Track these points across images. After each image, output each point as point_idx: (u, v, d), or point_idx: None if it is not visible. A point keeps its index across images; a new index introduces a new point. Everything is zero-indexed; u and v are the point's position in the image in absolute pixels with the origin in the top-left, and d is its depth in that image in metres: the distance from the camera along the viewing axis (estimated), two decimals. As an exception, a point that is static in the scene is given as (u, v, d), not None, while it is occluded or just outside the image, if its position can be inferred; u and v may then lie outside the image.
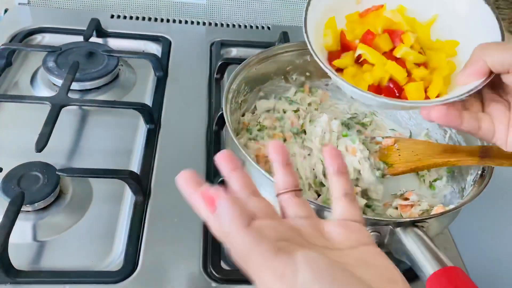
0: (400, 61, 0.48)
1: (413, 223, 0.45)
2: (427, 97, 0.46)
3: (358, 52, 0.49)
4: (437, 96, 0.46)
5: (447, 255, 0.43)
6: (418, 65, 0.48)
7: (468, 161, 0.53)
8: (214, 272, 0.54)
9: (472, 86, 0.42)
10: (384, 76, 0.47)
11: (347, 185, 0.35)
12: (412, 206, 0.54)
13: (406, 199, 0.56)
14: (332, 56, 0.51)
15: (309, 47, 0.47)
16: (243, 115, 0.66)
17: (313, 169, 0.57)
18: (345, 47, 0.51)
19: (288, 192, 0.35)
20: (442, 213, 0.46)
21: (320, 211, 0.46)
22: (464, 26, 0.49)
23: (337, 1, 0.52)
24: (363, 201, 0.54)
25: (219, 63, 0.82)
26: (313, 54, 0.47)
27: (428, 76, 0.47)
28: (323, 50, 0.51)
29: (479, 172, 0.53)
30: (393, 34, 0.49)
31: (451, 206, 0.49)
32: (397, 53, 0.48)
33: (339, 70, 0.50)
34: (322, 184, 0.56)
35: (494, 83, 0.42)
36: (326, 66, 0.47)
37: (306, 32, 0.48)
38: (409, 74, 0.48)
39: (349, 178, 0.36)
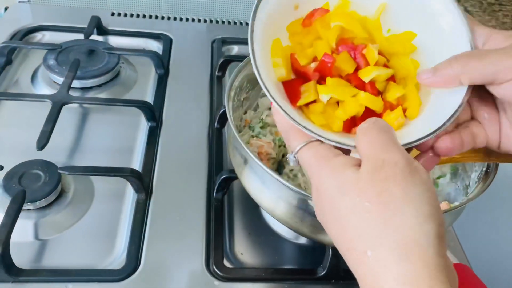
0: (370, 85, 0.40)
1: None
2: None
3: (324, 98, 0.39)
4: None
5: (451, 252, 0.43)
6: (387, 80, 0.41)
7: (473, 158, 0.52)
8: (217, 270, 0.53)
9: (457, 101, 0.37)
10: (359, 110, 0.40)
11: None
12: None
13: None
14: (289, 88, 0.40)
15: (262, 87, 0.36)
16: (245, 112, 0.65)
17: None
18: (300, 74, 0.41)
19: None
20: (446, 211, 0.46)
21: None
22: (419, 14, 0.42)
23: (275, 13, 0.41)
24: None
25: (221, 61, 0.82)
26: (272, 100, 0.36)
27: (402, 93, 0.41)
28: (277, 84, 0.40)
29: (484, 169, 0.53)
30: (352, 50, 0.41)
31: (456, 203, 0.48)
32: (366, 78, 0.40)
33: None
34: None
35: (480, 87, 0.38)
36: (292, 118, 0.35)
37: (256, 66, 0.37)
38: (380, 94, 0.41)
39: None
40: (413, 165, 0.30)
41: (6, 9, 0.93)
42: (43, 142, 0.60)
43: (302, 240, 0.59)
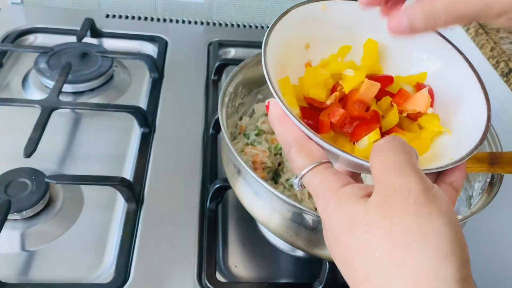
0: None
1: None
2: None
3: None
4: None
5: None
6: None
7: (477, 168, 0.50)
8: (209, 285, 0.51)
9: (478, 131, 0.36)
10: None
11: None
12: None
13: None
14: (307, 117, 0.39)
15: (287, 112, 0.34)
16: (240, 118, 0.63)
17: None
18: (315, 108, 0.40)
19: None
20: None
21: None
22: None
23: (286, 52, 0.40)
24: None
25: (217, 64, 0.80)
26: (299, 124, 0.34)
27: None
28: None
29: (488, 180, 0.50)
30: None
31: (459, 217, 0.46)
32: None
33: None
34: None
35: None
36: (308, 128, 0.34)
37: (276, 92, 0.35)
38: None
39: None
40: (431, 192, 0.26)
41: (-2, 10, 0.92)
42: (30, 149, 0.58)
43: (299, 253, 0.57)
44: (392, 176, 0.27)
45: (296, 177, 0.33)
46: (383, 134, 0.40)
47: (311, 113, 0.40)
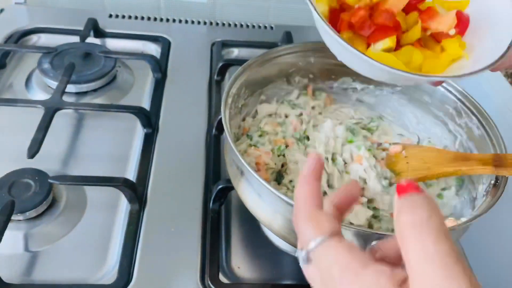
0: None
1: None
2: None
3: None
4: None
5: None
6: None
7: (481, 170, 0.50)
8: (212, 286, 0.51)
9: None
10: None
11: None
12: (420, 217, 0.51)
13: (415, 209, 0.53)
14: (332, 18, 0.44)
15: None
16: (243, 119, 0.63)
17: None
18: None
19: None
20: (453, 227, 0.44)
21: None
22: None
23: None
24: (369, 212, 0.51)
25: (220, 65, 0.80)
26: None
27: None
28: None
29: (492, 182, 0.50)
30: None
31: (463, 219, 0.46)
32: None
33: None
34: (325, 194, 0.53)
35: None
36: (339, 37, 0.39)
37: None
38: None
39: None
40: None
41: (1, 10, 0.92)
42: (34, 150, 0.58)
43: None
44: (437, 275, 0.23)
45: (302, 250, 0.29)
46: (401, 46, 0.44)
47: (339, 15, 0.44)
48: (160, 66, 0.80)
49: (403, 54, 0.44)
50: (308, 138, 0.60)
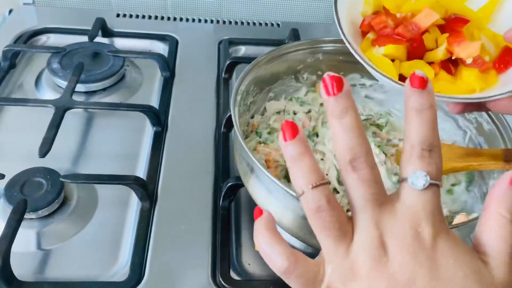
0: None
1: (434, 233, 0.42)
2: None
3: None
4: None
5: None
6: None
7: (492, 165, 0.50)
8: (223, 282, 0.52)
9: None
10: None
11: None
12: (431, 212, 0.51)
13: (425, 205, 0.53)
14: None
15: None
16: (252, 117, 0.63)
17: (327, 174, 0.55)
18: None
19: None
20: (465, 223, 0.44)
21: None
22: None
23: None
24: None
25: (228, 63, 0.80)
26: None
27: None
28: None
29: (503, 177, 0.50)
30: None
31: (474, 215, 0.46)
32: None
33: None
34: (336, 191, 0.53)
35: None
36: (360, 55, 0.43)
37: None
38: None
39: None
40: None
41: (10, 11, 0.92)
42: (45, 149, 0.59)
43: (312, 250, 0.57)
44: None
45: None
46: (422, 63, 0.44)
47: (381, 16, 0.46)
48: (168, 65, 0.80)
49: (411, 66, 0.44)
50: (317, 135, 0.60)
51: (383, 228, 0.28)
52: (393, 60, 0.44)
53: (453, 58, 0.44)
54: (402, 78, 0.44)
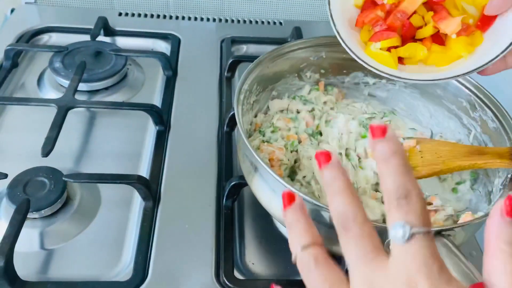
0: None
1: (439, 232, 0.42)
2: None
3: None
4: None
5: (473, 262, 0.40)
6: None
7: (497, 163, 0.49)
8: (227, 282, 0.51)
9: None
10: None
11: None
12: (436, 211, 0.51)
13: (430, 203, 0.53)
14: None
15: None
16: (255, 115, 0.63)
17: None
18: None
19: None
20: (470, 222, 0.43)
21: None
22: None
23: None
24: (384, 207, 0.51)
25: (230, 61, 0.80)
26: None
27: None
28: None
29: (509, 176, 0.50)
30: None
31: (480, 214, 0.45)
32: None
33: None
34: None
35: None
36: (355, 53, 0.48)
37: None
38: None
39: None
40: None
41: (12, 10, 0.92)
42: (48, 148, 0.59)
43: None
44: None
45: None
46: (415, 40, 0.50)
47: (370, 6, 0.51)
48: (170, 64, 0.80)
49: (406, 49, 0.50)
50: (320, 134, 0.60)
51: None
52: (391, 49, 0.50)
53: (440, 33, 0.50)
54: (401, 60, 0.51)
